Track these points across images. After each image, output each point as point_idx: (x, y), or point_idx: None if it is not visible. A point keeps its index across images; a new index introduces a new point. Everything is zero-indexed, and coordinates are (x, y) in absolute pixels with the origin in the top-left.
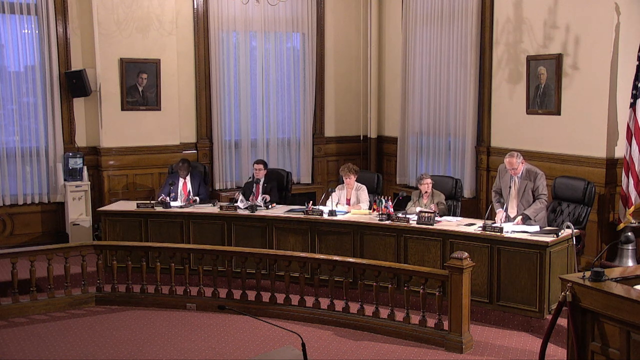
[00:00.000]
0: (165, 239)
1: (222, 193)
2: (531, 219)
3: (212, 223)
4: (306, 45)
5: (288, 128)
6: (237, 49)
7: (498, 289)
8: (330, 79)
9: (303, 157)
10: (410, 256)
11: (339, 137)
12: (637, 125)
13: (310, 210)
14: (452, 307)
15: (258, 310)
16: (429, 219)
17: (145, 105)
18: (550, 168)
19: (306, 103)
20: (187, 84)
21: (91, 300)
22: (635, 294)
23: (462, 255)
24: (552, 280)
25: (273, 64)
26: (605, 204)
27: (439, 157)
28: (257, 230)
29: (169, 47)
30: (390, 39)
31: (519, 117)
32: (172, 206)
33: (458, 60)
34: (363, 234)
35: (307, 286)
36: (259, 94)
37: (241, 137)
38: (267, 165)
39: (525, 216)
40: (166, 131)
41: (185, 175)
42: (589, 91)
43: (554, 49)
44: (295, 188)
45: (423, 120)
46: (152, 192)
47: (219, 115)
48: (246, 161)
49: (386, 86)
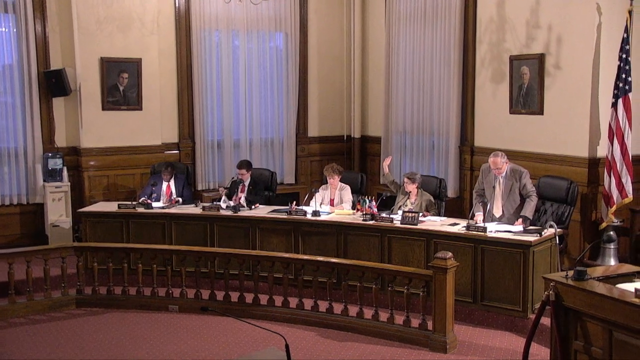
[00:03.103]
0: (147, 240)
1: (204, 194)
2: (530, 219)
3: (195, 224)
4: (289, 45)
5: (271, 128)
6: (219, 48)
7: (482, 289)
8: (313, 79)
9: (286, 157)
10: (394, 256)
11: (322, 137)
12: (618, 124)
13: (293, 210)
14: (436, 307)
15: (241, 312)
16: (413, 219)
17: (126, 105)
18: (533, 168)
19: (289, 103)
20: (169, 83)
21: (72, 303)
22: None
23: (446, 255)
24: (536, 279)
25: (256, 63)
26: (587, 203)
27: (423, 156)
28: (240, 231)
29: (151, 46)
30: (374, 38)
31: (502, 117)
32: (154, 207)
33: (441, 59)
34: (347, 234)
35: (291, 287)
36: (241, 93)
37: (224, 137)
38: (250, 167)
39: (524, 218)
40: (148, 131)
41: (168, 179)
42: (571, 91)
43: (536, 48)
44: (278, 188)
45: (407, 119)
46: (133, 193)
47: (201, 115)
48: (229, 161)
49: (369, 86)
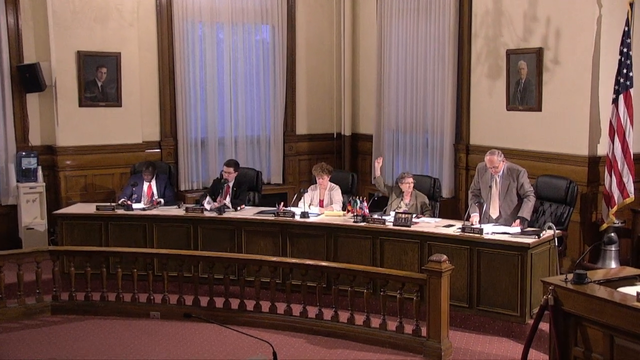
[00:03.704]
0: (127, 243)
1: (187, 194)
2: (528, 220)
3: (177, 226)
4: (276, 38)
5: (257, 125)
6: (203, 42)
7: (478, 293)
8: (301, 74)
9: (273, 156)
10: (387, 259)
11: (311, 134)
12: (619, 121)
13: (281, 211)
14: (430, 313)
15: (226, 318)
16: (406, 220)
17: (105, 101)
18: (531, 167)
19: (276, 99)
20: (150, 78)
21: (47, 310)
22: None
23: (440, 258)
24: (534, 283)
25: (241, 57)
26: (587, 203)
27: (417, 155)
28: (225, 233)
29: (130, 39)
30: (365, 31)
31: (499, 114)
32: (134, 208)
33: (436, 54)
34: (337, 237)
35: (279, 292)
36: (226, 89)
37: (208, 135)
38: (238, 167)
39: (522, 219)
40: (127, 129)
41: (150, 180)
42: (570, 86)
43: (534, 42)
44: (265, 188)
45: (399, 117)
46: (112, 194)
47: (184, 111)
48: (213, 160)
49: (361, 81)
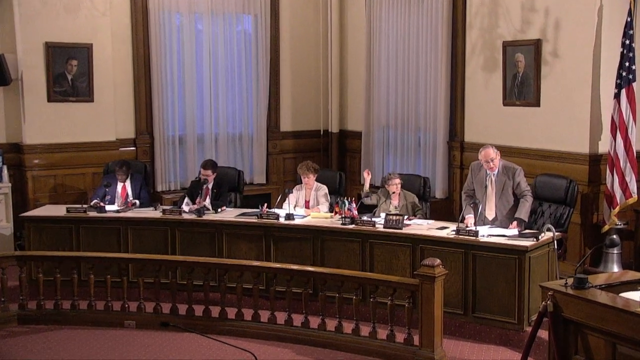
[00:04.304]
0: (100, 247)
1: (164, 195)
2: (526, 221)
3: (154, 229)
4: (259, 29)
5: (239, 122)
6: (180, 33)
7: (473, 299)
8: (286, 67)
9: (256, 154)
10: (377, 264)
11: (296, 131)
12: (621, 117)
13: (264, 213)
14: (423, 320)
15: (207, 327)
16: (397, 222)
17: (76, 96)
18: (529, 165)
19: (259, 94)
20: (124, 72)
21: (13, 320)
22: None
23: (433, 262)
24: (532, 288)
25: (222, 49)
26: (588, 204)
27: (408, 153)
28: (204, 236)
29: (103, 30)
30: (354, 21)
31: (495, 109)
32: (107, 211)
33: (428, 46)
34: (324, 240)
35: (262, 299)
36: (206, 83)
37: (186, 132)
38: (216, 168)
39: (520, 220)
40: (100, 125)
41: (124, 180)
42: (570, 80)
43: (532, 34)
44: (247, 189)
45: (390, 112)
46: (84, 195)
47: (160, 107)
48: (192, 159)
49: (349, 75)
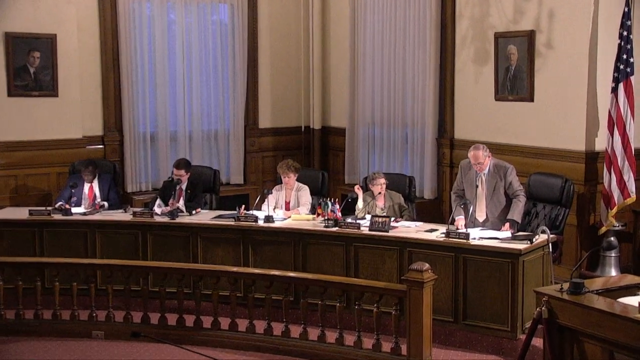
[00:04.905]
0: (65, 253)
1: (135, 197)
2: (519, 223)
3: (124, 233)
4: (236, 19)
5: (215, 118)
6: (151, 23)
7: (464, 306)
8: (265, 59)
9: (233, 153)
10: (362, 269)
11: (276, 128)
12: (619, 112)
13: (242, 216)
14: (411, 328)
15: (181, 337)
16: (384, 224)
17: (39, 90)
18: (522, 163)
19: (236, 88)
20: (91, 64)
21: None
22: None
23: (422, 267)
24: (526, 294)
25: (196, 41)
26: (585, 204)
27: (395, 151)
28: (178, 240)
29: (67, 19)
30: (337, 11)
31: (486, 104)
32: (73, 213)
33: (416, 37)
34: (306, 244)
35: (240, 307)
36: (179, 77)
37: (158, 129)
38: (190, 167)
39: (512, 222)
40: (65, 122)
41: (91, 180)
42: (565, 74)
43: (525, 24)
44: (224, 189)
45: (375, 108)
46: (48, 197)
47: (130, 102)
48: (164, 158)
49: (332, 68)
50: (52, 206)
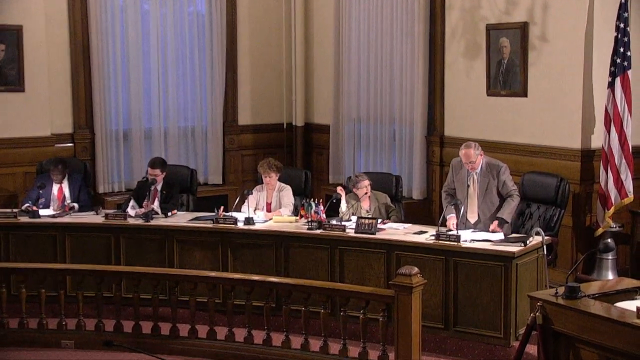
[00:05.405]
0: (33, 257)
1: (107, 198)
2: (508, 222)
3: (95, 236)
4: (213, 10)
5: (192, 114)
6: (124, 14)
7: (455, 312)
8: (244, 52)
9: (211, 151)
10: (348, 273)
11: (256, 125)
12: (616, 108)
13: (220, 217)
14: (399, 336)
15: (156, 346)
16: (370, 226)
17: (4, 85)
18: (516, 162)
19: (214, 83)
20: (60, 58)
21: None
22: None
23: (411, 271)
24: (520, 298)
25: (171, 33)
26: (580, 204)
27: (382, 149)
28: (153, 244)
29: (34, 10)
30: (320, 3)
31: (478, 100)
32: (41, 215)
33: (403, 29)
34: (288, 247)
35: (218, 314)
36: (153, 71)
37: (132, 127)
38: (166, 166)
39: (501, 220)
40: (33, 119)
41: (60, 180)
42: (560, 68)
43: (518, 16)
44: (201, 190)
45: (361, 104)
46: (14, 198)
47: (102, 98)
48: (138, 157)
49: (315, 62)
50: (18, 208)
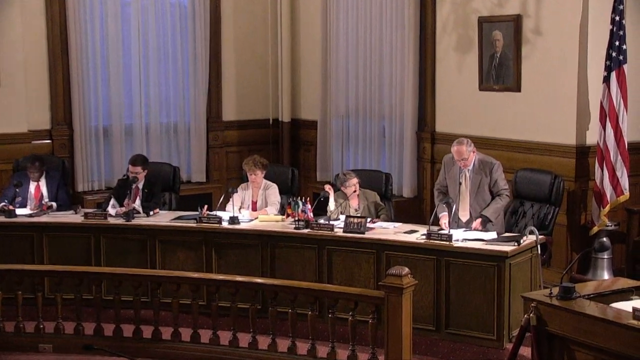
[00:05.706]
0: (9, 258)
1: (87, 196)
2: (492, 222)
3: (74, 236)
4: (196, 1)
5: (174, 110)
6: (103, 5)
7: (447, 313)
8: (229, 46)
9: (194, 148)
10: (336, 274)
11: (241, 121)
12: (611, 104)
13: (204, 217)
14: (389, 338)
15: (137, 350)
16: (360, 225)
17: None
18: (509, 159)
19: (197, 77)
20: (37, 51)
21: None
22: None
23: (401, 272)
24: (513, 299)
25: (153, 25)
26: (575, 202)
27: (371, 146)
28: (134, 244)
29: (10, 2)
30: None
31: (470, 95)
32: (18, 215)
33: (393, 22)
34: (274, 247)
35: (202, 316)
36: (134, 65)
37: (112, 123)
38: (147, 163)
39: (484, 218)
40: (8, 114)
41: (37, 178)
42: (554, 62)
43: (511, 8)
44: (185, 188)
45: (350, 99)
46: None
47: (81, 93)
48: (119, 154)
49: (302, 55)
50: None
